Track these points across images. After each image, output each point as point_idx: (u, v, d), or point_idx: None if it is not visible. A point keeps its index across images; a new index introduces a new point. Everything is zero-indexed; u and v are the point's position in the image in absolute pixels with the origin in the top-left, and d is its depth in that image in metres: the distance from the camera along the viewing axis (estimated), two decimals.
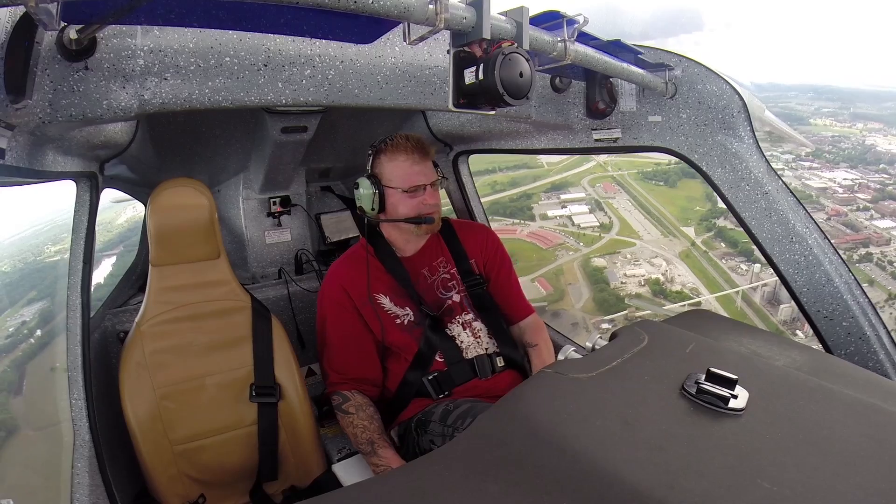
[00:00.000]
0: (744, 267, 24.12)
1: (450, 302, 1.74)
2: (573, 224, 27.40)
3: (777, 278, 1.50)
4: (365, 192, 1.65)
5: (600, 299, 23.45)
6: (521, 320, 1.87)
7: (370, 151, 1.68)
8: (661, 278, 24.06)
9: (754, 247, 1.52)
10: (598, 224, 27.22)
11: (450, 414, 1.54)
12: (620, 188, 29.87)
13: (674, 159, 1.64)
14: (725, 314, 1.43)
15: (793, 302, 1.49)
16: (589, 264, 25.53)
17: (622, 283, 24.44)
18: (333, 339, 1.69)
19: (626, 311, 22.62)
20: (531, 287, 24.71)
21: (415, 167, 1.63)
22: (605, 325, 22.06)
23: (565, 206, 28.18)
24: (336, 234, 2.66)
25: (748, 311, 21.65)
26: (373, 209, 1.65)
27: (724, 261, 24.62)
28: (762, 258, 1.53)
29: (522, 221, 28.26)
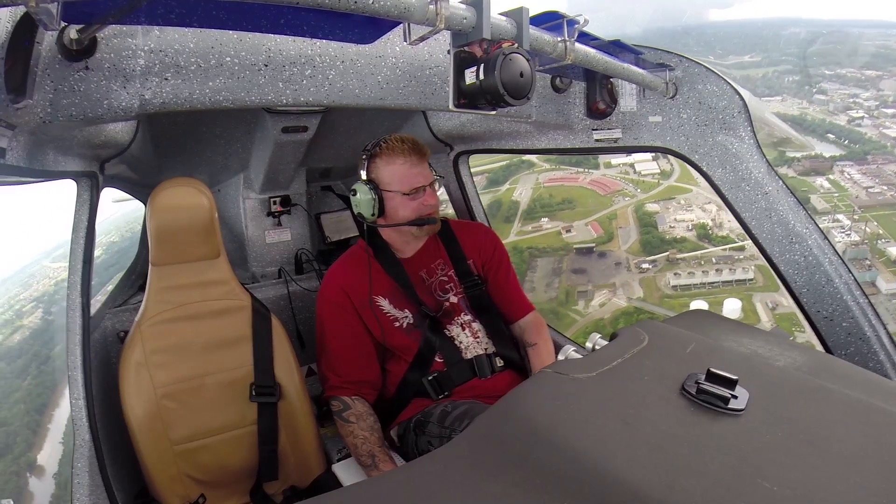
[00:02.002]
0: None
1: (447, 304, 1.74)
2: (635, 172, 28.26)
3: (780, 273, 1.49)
4: (363, 198, 1.61)
5: (645, 241, 25.28)
6: (521, 319, 1.87)
7: (363, 156, 1.65)
8: (710, 223, 24.80)
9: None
10: (658, 171, 27.96)
11: (448, 415, 1.54)
12: None
13: None
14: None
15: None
16: (642, 209, 26.80)
17: (671, 227, 25.58)
18: (333, 342, 1.68)
19: (666, 253, 24.11)
20: (584, 230, 27.00)
21: (413, 169, 1.62)
22: (645, 265, 24.17)
23: (629, 154, 28.13)
24: (336, 233, 2.66)
25: None
26: (373, 214, 1.63)
27: None
28: (763, 257, 1.53)
29: (586, 170, 29.45)
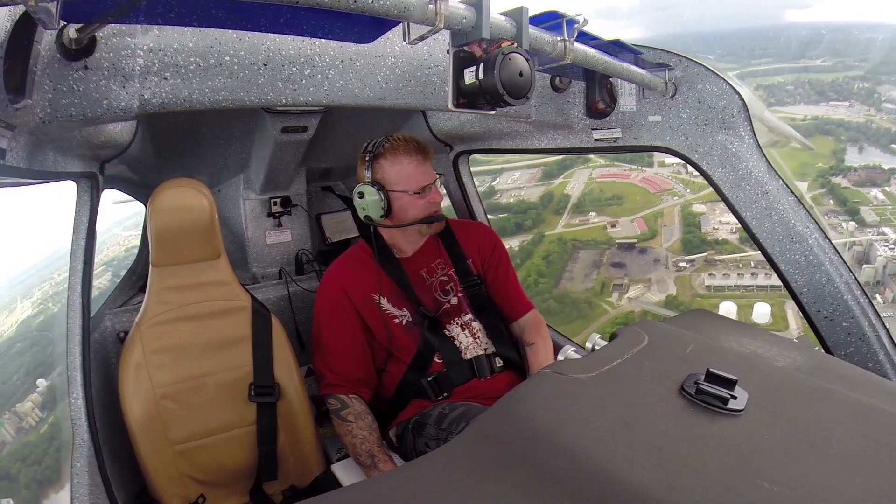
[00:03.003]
0: (844, 226, 24.83)
1: (447, 305, 1.74)
2: (686, 171, 29.06)
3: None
4: (371, 199, 1.59)
5: (686, 240, 26.32)
6: (521, 317, 1.87)
7: (366, 157, 1.63)
8: None
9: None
10: None
11: (445, 417, 1.53)
12: None
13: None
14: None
15: (793, 302, 1.49)
16: (688, 209, 27.82)
17: (714, 228, 26.24)
18: (331, 340, 1.68)
19: (705, 254, 24.94)
20: (630, 226, 28.09)
21: (420, 168, 1.62)
22: (682, 264, 25.01)
23: None
24: (336, 234, 2.66)
25: None
26: (382, 216, 1.62)
27: (827, 217, 25.57)
28: (763, 255, 1.53)
29: (639, 168, 30.73)
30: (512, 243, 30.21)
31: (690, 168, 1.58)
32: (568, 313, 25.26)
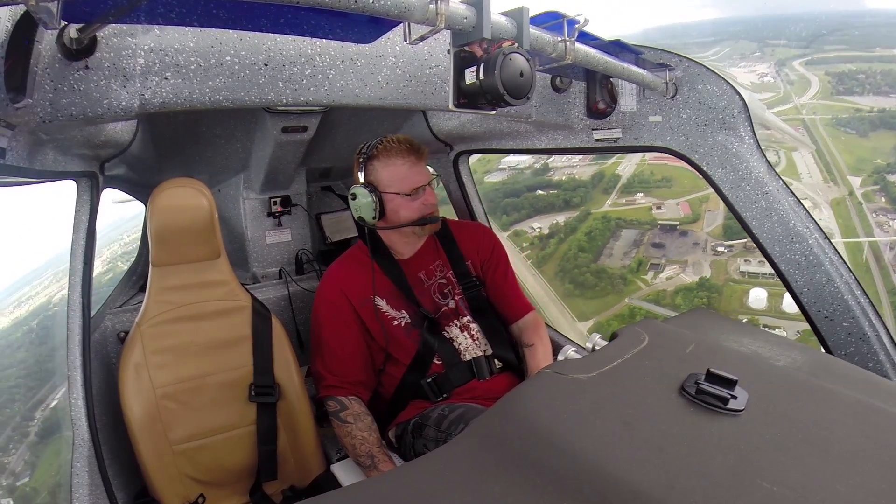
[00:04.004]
0: (892, 224, 24.93)
1: (446, 308, 1.74)
2: None
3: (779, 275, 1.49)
4: (364, 202, 1.60)
5: (727, 226, 26.88)
6: (520, 319, 1.87)
7: (360, 159, 1.63)
8: None
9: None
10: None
11: (445, 418, 1.53)
12: (805, 132, 31.38)
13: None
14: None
15: (793, 302, 1.49)
16: None
17: None
18: (331, 341, 1.68)
19: (745, 240, 24.96)
20: (674, 209, 28.81)
21: (413, 169, 1.62)
22: (720, 249, 25.59)
23: None
24: (336, 233, 2.66)
25: (872, 265, 22.96)
26: (374, 218, 1.62)
27: (874, 215, 25.58)
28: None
29: None
30: (558, 219, 31.01)
31: None
32: (603, 287, 26.23)
